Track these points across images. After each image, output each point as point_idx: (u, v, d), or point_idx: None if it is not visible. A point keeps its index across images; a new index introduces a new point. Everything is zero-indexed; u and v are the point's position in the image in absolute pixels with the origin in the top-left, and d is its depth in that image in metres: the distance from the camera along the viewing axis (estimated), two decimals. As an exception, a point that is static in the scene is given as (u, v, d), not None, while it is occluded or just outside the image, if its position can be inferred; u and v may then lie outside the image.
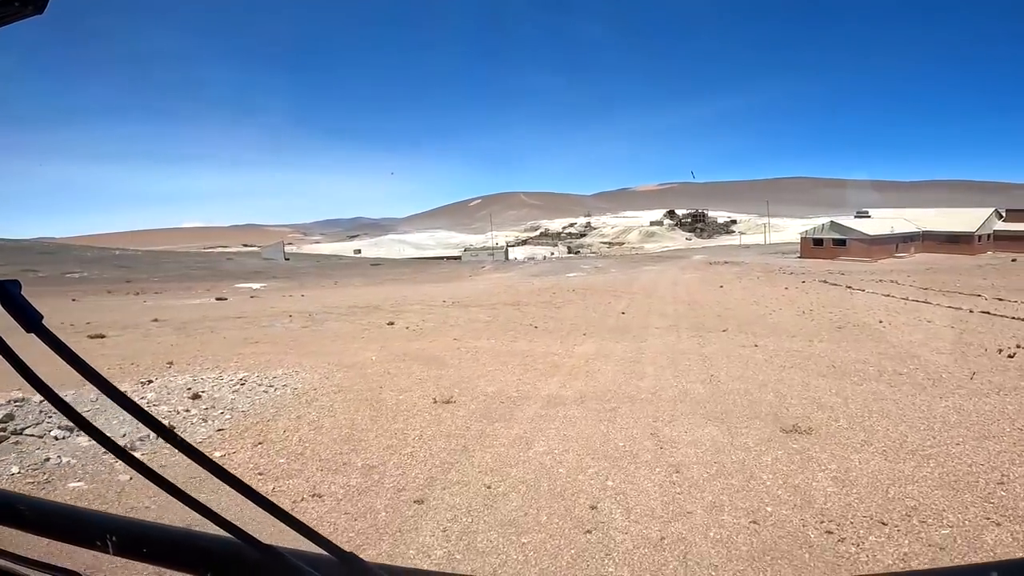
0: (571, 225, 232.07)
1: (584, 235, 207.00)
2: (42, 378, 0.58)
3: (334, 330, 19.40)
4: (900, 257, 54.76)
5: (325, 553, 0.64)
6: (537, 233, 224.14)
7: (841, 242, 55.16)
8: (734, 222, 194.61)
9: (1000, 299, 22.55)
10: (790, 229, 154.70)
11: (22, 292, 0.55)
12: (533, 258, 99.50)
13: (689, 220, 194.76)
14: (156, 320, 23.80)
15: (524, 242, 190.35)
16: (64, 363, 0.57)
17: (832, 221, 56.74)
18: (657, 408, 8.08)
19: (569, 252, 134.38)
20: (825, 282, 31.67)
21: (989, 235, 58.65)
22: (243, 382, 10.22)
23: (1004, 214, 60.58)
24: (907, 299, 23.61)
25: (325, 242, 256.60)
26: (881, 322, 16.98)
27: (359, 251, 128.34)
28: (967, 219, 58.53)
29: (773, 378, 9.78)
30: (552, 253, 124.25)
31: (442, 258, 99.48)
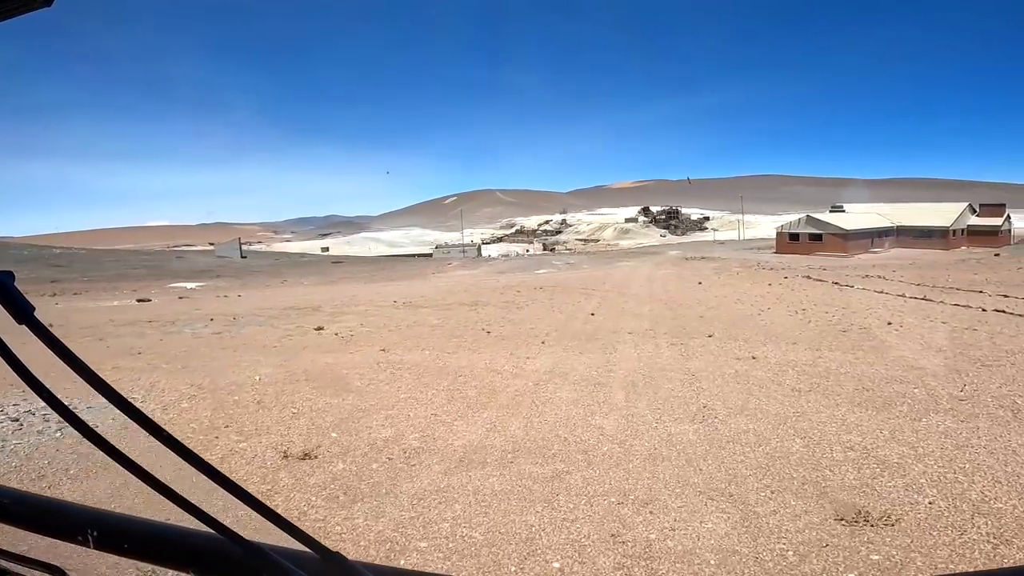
0: (547, 222, 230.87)
1: (560, 232, 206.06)
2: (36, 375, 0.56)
3: (246, 337, 16.02)
4: (875, 252, 53.32)
5: (309, 551, 0.62)
6: (513, 230, 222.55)
7: (817, 237, 53.40)
8: (707, 219, 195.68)
9: (1005, 295, 20.29)
10: (763, 226, 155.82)
11: (15, 284, 0.55)
12: (507, 255, 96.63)
13: (663, 217, 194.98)
14: (51, 325, 19.91)
15: (500, 239, 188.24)
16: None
17: (808, 215, 54.91)
18: (626, 474, 5.02)
19: (544, 249, 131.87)
20: (809, 278, 29.33)
21: (963, 230, 57.79)
22: (25, 415, 6.89)
23: (977, 209, 59.82)
24: (904, 296, 21.24)
25: (296, 240, 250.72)
26: (890, 324, 14.35)
27: (327, 249, 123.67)
28: (941, 214, 57.49)
29: (791, 410, 6.83)
30: (527, 250, 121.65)
31: (413, 255, 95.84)
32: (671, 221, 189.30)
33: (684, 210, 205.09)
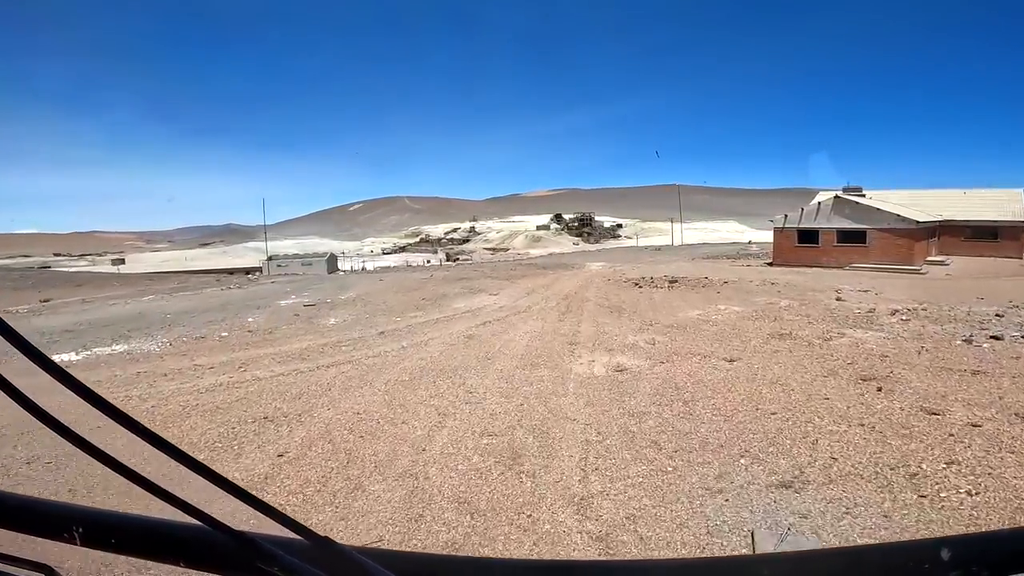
0: (454, 230, 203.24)
1: (467, 240, 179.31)
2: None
3: None
4: (938, 263, 29.23)
5: (298, 537, 0.60)
6: (417, 239, 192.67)
7: (857, 236, 28.54)
8: (620, 226, 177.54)
9: None
10: (676, 233, 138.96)
11: None
12: (388, 267, 69.19)
13: (576, 224, 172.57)
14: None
15: (403, 248, 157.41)
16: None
17: (837, 196, 29.81)
18: None
19: (448, 259, 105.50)
20: None
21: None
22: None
23: (1033, 197, 38.13)
24: None
25: (169, 250, 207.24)
26: None
27: (122, 261, 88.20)
28: (1003, 205, 35.10)
29: None
30: (428, 260, 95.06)
31: (231, 271, 62.90)
32: (584, 228, 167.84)
33: (597, 217, 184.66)
